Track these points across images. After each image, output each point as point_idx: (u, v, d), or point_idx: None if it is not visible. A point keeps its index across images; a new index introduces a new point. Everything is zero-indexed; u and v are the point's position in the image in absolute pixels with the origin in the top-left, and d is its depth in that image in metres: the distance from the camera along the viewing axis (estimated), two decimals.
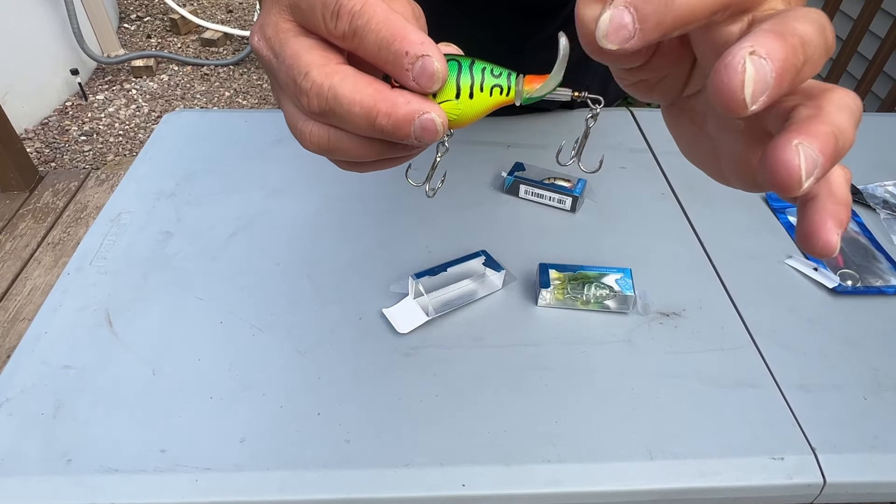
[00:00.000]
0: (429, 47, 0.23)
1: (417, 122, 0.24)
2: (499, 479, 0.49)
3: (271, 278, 0.65)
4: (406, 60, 0.23)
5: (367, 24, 0.23)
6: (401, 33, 0.23)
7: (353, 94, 0.24)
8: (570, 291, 0.62)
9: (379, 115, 0.24)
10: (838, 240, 0.22)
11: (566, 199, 0.74)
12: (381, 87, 0.24)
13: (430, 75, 0.23)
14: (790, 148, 0.19)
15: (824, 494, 0.50)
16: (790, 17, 0.20)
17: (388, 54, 0.23)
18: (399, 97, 0.24)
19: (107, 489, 0.47)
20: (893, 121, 0.97)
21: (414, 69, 0.23)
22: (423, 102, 0.24)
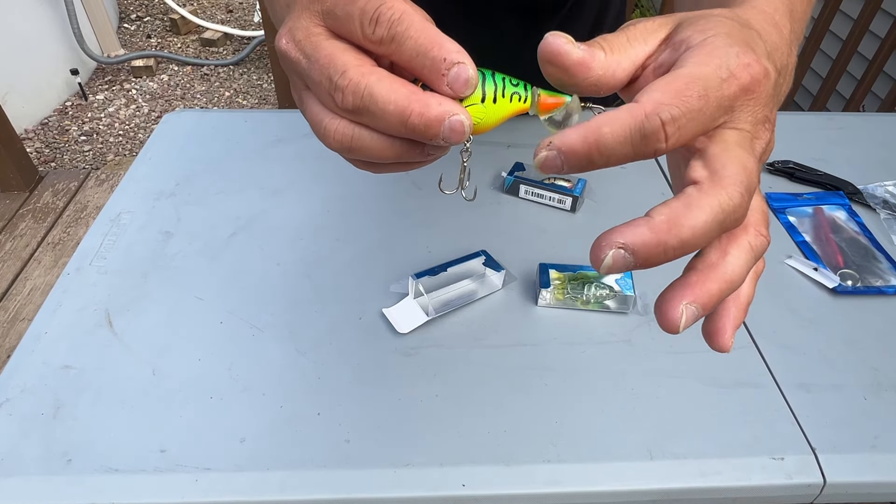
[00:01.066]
0: (464, 55, 0.25)
1: (447, 122, 0.25)
2: (499, 479, 0.49)
3: (271, 278, 0.65)
4: (443, 66, 0.25)
5: (406, 31, 0.25)
6: (438, 41, 0.25)
7: (388, 93, 0.25)
8: (570, 291, 0.62)
9: (412, 115, 0.25)
10: (732, 341, 0.29)
11: (566, 199, 0.74)
12: (415, 88, 0.26)
13: (465, 81, 0.25)
14: (676, 308, 0.27)
15: (824, 494, 0.50)
16: (725, 262, 0.26)
17: (425, 60, 0.25)
18: (432, 99, 0.25)
19: (107, 489, 0.47)
20: (893, 121, 0.97)
21: (449, 75, 0.25)
22: (454, 105, 0.25)
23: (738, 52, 0.24)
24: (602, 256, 0.24)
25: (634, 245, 0.23)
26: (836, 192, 0.80)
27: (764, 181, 0.82)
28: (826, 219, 0.76)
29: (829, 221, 0.75)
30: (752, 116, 0.25)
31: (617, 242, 0.23)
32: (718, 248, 0.26)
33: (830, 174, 0.82)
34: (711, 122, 0.23)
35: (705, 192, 0.23)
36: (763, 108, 0.25)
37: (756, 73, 0.24)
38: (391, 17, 0.25)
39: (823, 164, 0.84)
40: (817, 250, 0.71)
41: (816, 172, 0.82)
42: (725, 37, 0.25)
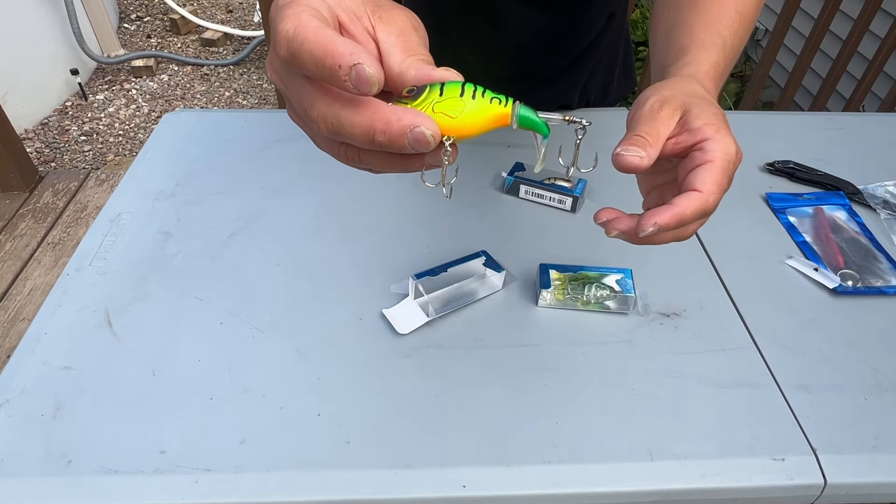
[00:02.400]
0: (359, 55, 0.25)
1: (410, 135, 0.26)
2: (499, 479, 0.49)
3: (271, 279, 0.65)
4: (342, 73, 0.25)
5: (300, 46, 0.25)
6: (330, 49, 0.25)
7: (352, 119, 0.26)
8: (571, 292, 0.62)
9: (376, 133, 0.26)
10: (648, 230, 0.38)
11: (566, 200, 0.74)
12: (378, 108, 0.26)
13: (366, 80, 0.25)
14: (648, 224, 0.37)
15: (825, 495, 0.50)
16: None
17: (324, 71, 0.25)
18: (392, 115, 0.26)
19: (107, 490, 0.47)
20: (893, 121, 0.97)
21: (350, 79, 0.25)
22: (415, 117, 0.26)
23: (734, 145, 0.38)
24: (647, 228, 0.36)
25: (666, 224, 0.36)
26: (836, 192, 0.80)
27: (764, 181, 0.82)
28: (826, 219, 0.76)
29: (829, 221, 0.75)
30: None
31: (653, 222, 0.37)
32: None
33: (830, 174, 0.82)
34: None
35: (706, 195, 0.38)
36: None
37: (741, 157, 0.39)
38: (286, 33, 0.26)
39: (823, 164, 0.84)
40: (818, 250, 0.71)
41: (816, 172, 0.82)
42: (725, 130, 0.38)
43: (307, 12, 0.26)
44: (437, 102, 0.28)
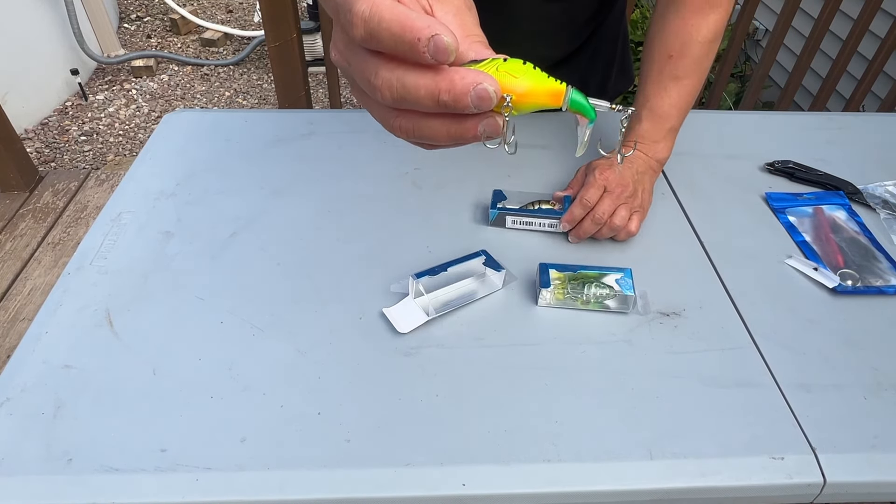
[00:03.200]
0: (435, 27, 0.26)
1: (473, 92, 0.27)
2: (499, 478, 0.49)
3: (272, 278, 0.65)
4: (420, 46, 0.26)
5: (378, 25, 0.26)
6: (408, 24, 0.26)
7: (416, 81, 0.27)
8: (571, 291, 0.62)
9: (441, 93, 0.27)
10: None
11: (557, 223, 0.71)
12: (441, 69, 0.27)
13: (443, 49, 0.26)
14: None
15: (824, 494, 0.50)
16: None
17: (404, 46, 0.26)
18: (455, 74, 0.27)
19: (107, 489, 0.47)
20: (893, 121, 0.97)
21: (429, 50, 0.26)
22: (477, 75, 0.27)
23: (613, 178, 0.71)
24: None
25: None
26: (836, 192, 0.80)
27: (764, 181, 0.83)
28: (826, 219, 0.76)
29: (829, 221, 0.76)
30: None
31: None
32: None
33: (830, 174, 0.82)
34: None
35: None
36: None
37: (625, 184, 0.70)
38: (362, 13, 0.26)
39: (823, 163, 0.84)
40: (817, 250, 0.71)
41: (816, 172, 0.83)
42: (608, 173, 0.70)
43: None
44: (501, 65, 0.29)
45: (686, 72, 0.71)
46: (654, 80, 0.73)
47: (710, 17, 0.68)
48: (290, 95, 1.80)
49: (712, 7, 0.68)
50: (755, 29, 2.87)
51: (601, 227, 0.69)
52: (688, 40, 0.69)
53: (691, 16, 0.68)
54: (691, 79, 0.71)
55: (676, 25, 0.69)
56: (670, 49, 0.70)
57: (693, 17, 0.68)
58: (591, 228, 0.69)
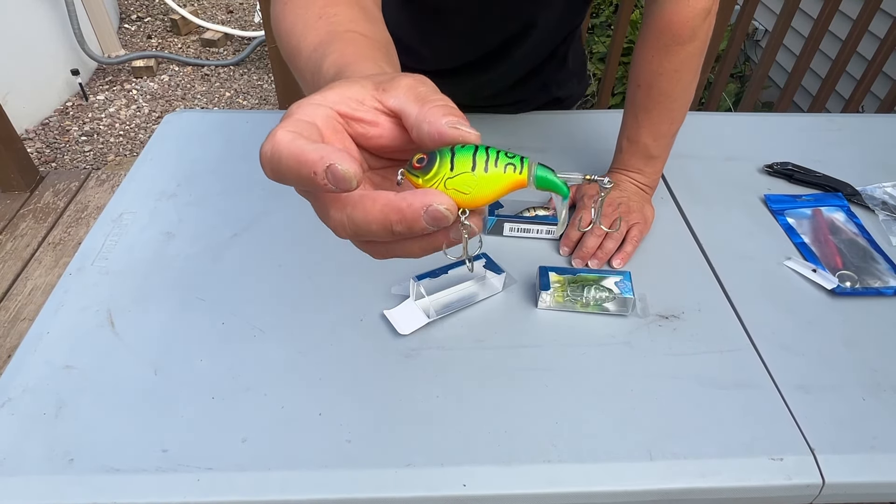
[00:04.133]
0: (329, 156, 0.25)
1: (426, 215, 0.26)
2: (499, 479, 0.49)
3: (273, 279, 0.66)
4: (319, 179, 0.25)
5: (279, 164, 0.26)
6: (301, 158, 0.25)
7: (365, 217, 0.26)
8: (570, 294, 0.63)
9: (393, 224, 0.26)
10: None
11: (554, 229, 0.72)
12: (386, 199, 0.26)
13: (342, 178, 0.25)
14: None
15: (823, 495, 0.51)
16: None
17: (304, 182, 0.25)
18: (401, 202, 0.26)
19: (109, 489, 0.47)
20: (893, 121, 0.97)
21: (329, 182, 0.25)
22: (425, 196, 0.26)
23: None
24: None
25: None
26: (834, 194, 0.80)
27: (763, 183, 0.83)
28: (825, 220, 0.76)
29: (827, 223, 0.76)
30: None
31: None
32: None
33: (829, 176, 0.82)
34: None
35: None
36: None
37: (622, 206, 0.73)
38: (266, 154, 0.26)
39: (822, 165, 0.84)
40: (816, 252, 0.72)
41: (815, 174, 0.83)
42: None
43: (285, 127, 0.26)
44: (449, 178, 0.27)
45: (655, 102, 0.70)
46: (628, 111, 0.74)
47: (678, 52, 0.67)
48: (291, 96, 1.80)
49: (680, 43, 0.66)
50: (755, 29, 2.87)
51: (601, 239, 0.69)
52: (654, 71, 0.69)
53: (657, 51, 0.68)
54: (661, 110, 0.71)
55: (646, 57, 0.69)
56: (639, 80, 0.71)
57: (659, 52, 0.68)
58: (594, 242, 0.69)
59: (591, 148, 0.88)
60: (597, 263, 0.68)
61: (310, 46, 0.38)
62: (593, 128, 0.92)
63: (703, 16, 0.65)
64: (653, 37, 0.68)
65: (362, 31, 0.39)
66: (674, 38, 0.66)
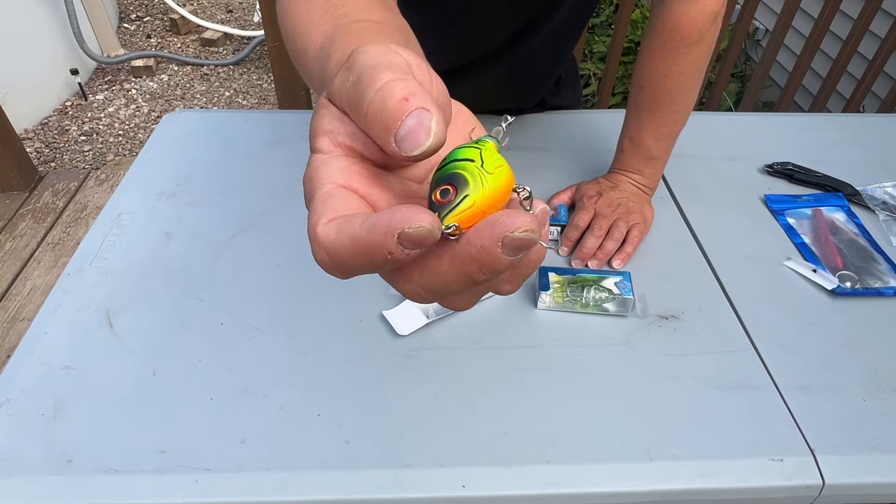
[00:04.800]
0: (393, 223, 0.20)
1: (505, 250, 0.21)
2: (499, 479, 0.49)
3: (272, 280, 0.65)
4: (398, 254, 0.21)
5: (344, 265, 0.22)
6: (363, 247, 0.21)
7: (441, 279, 0.22)
8: (570, 294, 0.62)
9: (474, 274, 0.21)
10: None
11: (553, 230, 0.72)
12: (454, 252, 0.21)
13: (423, 239, 0.20)
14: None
15: (823, 496, 0.50)
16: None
17: (385, 265, 0.21)
18: (470, 248, 0.21)
19: (107, 489, 0.47)
20: (893, 121, 0.97)
21: (410, 250, 0.21)
22: (493, 229, 0.21)
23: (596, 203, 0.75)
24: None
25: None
26: (835, 194, 0.80)
27: (763, 183, 0.83)
28: (825, 220, 0.76)
29: (828, 223, 0.76)
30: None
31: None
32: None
33: (829, 175, 0.82)
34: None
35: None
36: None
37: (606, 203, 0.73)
38: (328, 262, 0.22)
39: (823, 165, 0.84)
40: (816, 252, 0.71)
41: (815, 174, 0.83)
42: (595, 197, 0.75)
43: (320, 222, 0.22)
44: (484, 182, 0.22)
45: (659, 104, 0.70)
46: (631, 111, 0.74)
47: (685, 55, 0.67)
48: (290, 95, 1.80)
49: (687, 46, 0.66)
50: (755, 29, 2.87)
51: (601, 240, 0.69)
52: (660, 73, 0.69)
53: (663, 53, 0.68)
54: (665, 112, 0.71)
55: (652, 58, 0.69)
56: (643, 81, 0.70)
57: (665, 53, 0.67)
58: (594, 243, 0.69)
59: (591, 148, 0.88)
60: (596, 264, 0.68)
61: (315, 46, 0.34)
62: (593, 128, 0.92)
63: (712, 19, 0.65)
64: (659, 38, 0.67)
65: (373, 19, 0.34)
66: (682, 41, 0.66)
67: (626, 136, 0.75)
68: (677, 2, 0.65)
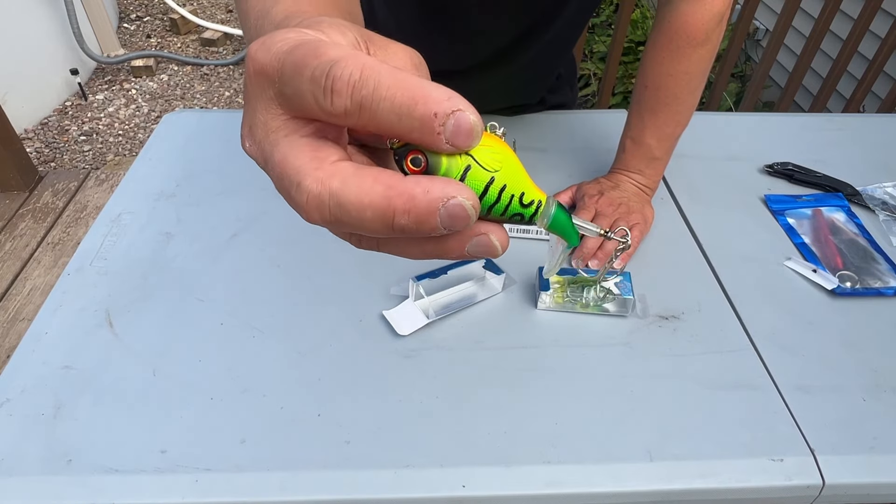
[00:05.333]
0: (457, 101, 0.19)
1: (443, 210, 0.20)
2: (499, 479, 0.49)
3: (272, 280, 0.65)
4: (436, 123, 0.19)
5: (374, 92, 0.19)
6: (421, 94, 0.19)
7: (359, 198, 0.20)
8: (570, 295, 0.62)
9: (396, 214, 0.20)
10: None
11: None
12: (391, 179, 0.20)
13: (468, 132, 0.19)
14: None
15: (823, 496, 0.50)
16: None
17: (411, 122, 0.19)
18: (416, 187, 0.20)
19: (107, 489, 0.47)
20: (893, 121, 0.97)
21: (446, 130, 0.19)
22: (446, 186, 0.20)
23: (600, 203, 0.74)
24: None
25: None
26: (835, 194, 0.80)
27: (763, 183, 0.83)
28: (825, 220, 0.76)
29: (828, 223, 0.76)
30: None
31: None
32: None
33: (829, 176, 0.82)
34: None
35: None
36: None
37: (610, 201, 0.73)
38: (349, 78, 0.19)
39: (823, 165, 0.84)
40: (816, 252, 0.71)
41: (815, 174, 0.83)
42: (597, 198, 0.74)
43: (352, 49, 0.20)
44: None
45: (662, 104, 0.70)
46: (633, 111, 0.73)
47: (690, 55, 0.67)
48: None
49: (692, 46, 0.66)
50: (755, 29, 2.87)
51: (601, 240, 0.69)
52: (664, 73, 0.69)
53: (669, 52, 0.68)
54: (668, 112, 0.71)
55: (657, 58, 0.69)
56: (647, 80, 0.71)
57: (671, 53, 0.68)
58: (594, 243, 0.69)
59: (591, 148, 0.88)
60: (597, 264, 0.68)
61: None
62: (593, 128, 0.92)
63: (718, 19, 0.65)
64: (665, 38, 0.67)
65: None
66: (688, 41, 0.66)
67: (628, 136, 0.75)
68: (684, 2, 0.65)
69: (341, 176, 0.20)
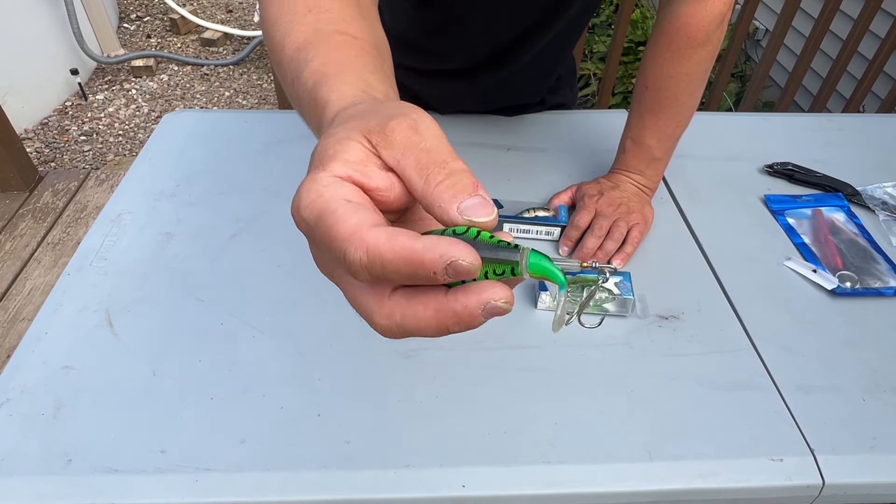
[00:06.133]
0: (448, 252, 0.23)
1: (484, 313, 0.24)
2: (499, 479, 0.49)
3: (272, 280, 0.65)
4: (438, 277, 0.23)
5: (382, 269, 0.23)
6: (418, 260, 0.23)
7: (418, 324, 0.25)
8: (570, 294, 0.62)
9: (450, 327, 0.25)
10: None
11: (554, 230, 0.72)
12: (437, 302, 0.25)
13: (465, 272, 0.23)
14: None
15: (823, 495, 0.50)
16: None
17: (419, 279, 0.24)
18: (456, 304, 0.24)
19: (107, 489, 0.47)
20: (893, 121, 0.97)
21: (448, 276, 0.23)
22: (481, 294, 0.24)
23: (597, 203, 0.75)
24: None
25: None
26: (835, 194, 0.80)
27: (763, 183, 0.83)
28: (825, 220, 0.76)
29: (827, 223, 0.76)
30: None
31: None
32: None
33: (829, 176, 0.82)
34: None
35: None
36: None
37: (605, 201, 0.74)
38: (360, 262, 0.24)
39: (822, 165, 0.84)
40: (816, 252, 0.71)
41: (815, 174, 0.83)
42: (596, 198, 0.75)
43: (367, 220, 0.24)
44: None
45: (663, 105, 0.71)
46: (634, 111, 0.74)
47: (691, 56, 0.67)
48: None
49: (693, 47, 0.66)
50: (755, 29, 2.87)
51: (602, 240, 0.69)
52: (665, 74, 0.69)
53: (669, 53, 0.68)
54: (669, 113, 0.71)
55: (657, 59, 0.69)
56: (647, 81, 0.71)
57: (672, 54, 0.68)
58: (594, 243, 0.69)
59: (591, 148, 0.88)
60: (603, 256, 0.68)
61: (293, 45, 0.36)
62: (593, 128, 0.92)
63: (719, 20, 0.65)
64: (666, 39, 0.67)
65: (353, 33, 0.36)
66: (688, 42, 0.66)
67: (629, 136, 0.75)
68: (685, 3, 0.65)
69: (400, 311, 0.25)
